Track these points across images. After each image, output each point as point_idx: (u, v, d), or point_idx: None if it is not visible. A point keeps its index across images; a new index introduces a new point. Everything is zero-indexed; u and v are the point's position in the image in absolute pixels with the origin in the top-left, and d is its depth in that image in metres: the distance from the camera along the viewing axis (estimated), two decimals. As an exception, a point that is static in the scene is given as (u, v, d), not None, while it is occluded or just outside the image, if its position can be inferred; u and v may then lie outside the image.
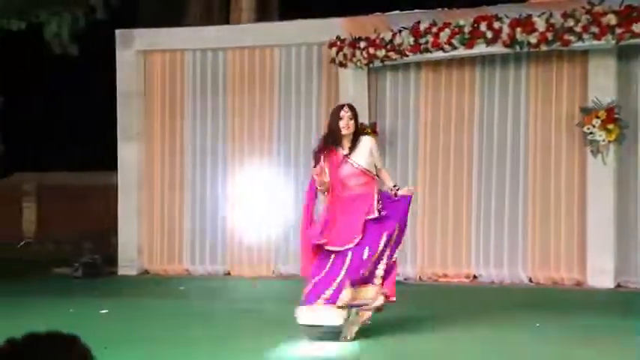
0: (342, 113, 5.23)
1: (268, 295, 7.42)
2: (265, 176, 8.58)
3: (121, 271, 8.72)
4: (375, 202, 5.12)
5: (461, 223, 7.89)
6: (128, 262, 8.71)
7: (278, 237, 8.51)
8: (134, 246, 8.73)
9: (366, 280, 5.09)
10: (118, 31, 8.84)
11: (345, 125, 5.18)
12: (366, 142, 5.29)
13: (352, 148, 5.21)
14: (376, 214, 5.09)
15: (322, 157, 5.18)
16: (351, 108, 5.29)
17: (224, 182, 8.69)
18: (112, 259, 8.84)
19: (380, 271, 5.11)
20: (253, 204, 8.59)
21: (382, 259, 5.10)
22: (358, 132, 5.32)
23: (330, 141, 5.23)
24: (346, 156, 5.19)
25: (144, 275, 8.70)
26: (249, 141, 8.64)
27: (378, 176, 5.30)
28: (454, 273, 7.91)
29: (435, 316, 5.97)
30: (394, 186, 5.32)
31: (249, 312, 6.25)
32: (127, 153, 8.78)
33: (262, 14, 10.12)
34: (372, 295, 5.09)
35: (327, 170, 5.15)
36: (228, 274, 8.63)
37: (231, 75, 8.67)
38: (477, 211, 7.87)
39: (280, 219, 8.48)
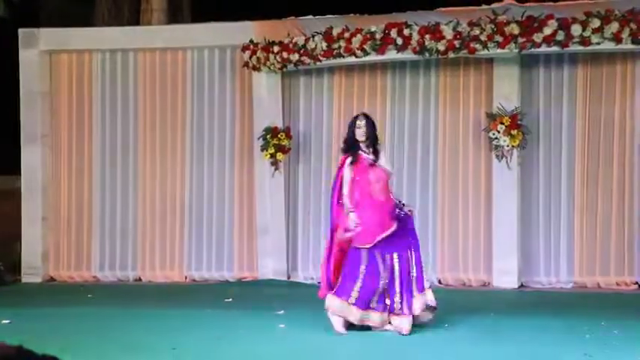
0: (358, 122, 5.52)
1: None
2: (178, 179, 8.46)
3: (25, 279, 8.42)
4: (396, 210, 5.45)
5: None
6: (32, 270, 8.41)
7: (191, 241, 8.41)
8: (38, 252, 8.44)
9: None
10: (21, 31, 8.54)
11: (362, 133, 5.48)
12: (384, 150, 5.66)
13: (376, 154, 5.49)
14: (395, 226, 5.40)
15: (350, 164, 5.46)
16: (366, 117, 5.58)
17: (135, 185, 8.52)
18: (15, 267, 8.51)
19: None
20: (165, 207, 8.46)
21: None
22: (376, 139, 5.57)
23: (352, 148, 5.50)
24: (374, 162, 5.45)
25: (49, 283, 8.42)
26: (161, 144, 8.51)
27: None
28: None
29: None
30: (399, 201, 5.60)
31: (161, 318, 6.14)
32: (31, 155, 8.49)
33: (173, 16, 9.98)
34: None
35: (351, 175, 5.45)
36: (139, 280, 8.46)
37: (142, 76, 8.52)
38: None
39: (194, 222, 8.39)
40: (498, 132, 7.55)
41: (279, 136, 7.98)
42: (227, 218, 8.40)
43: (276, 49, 7.83)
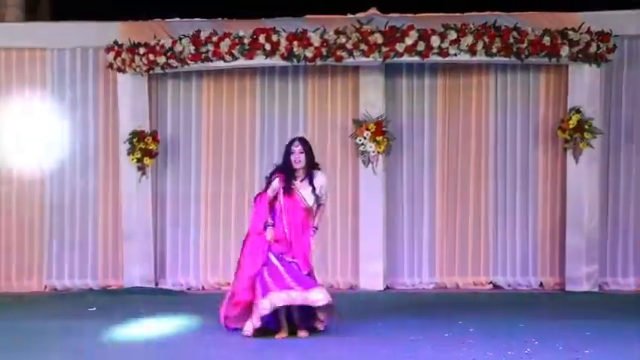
0: (293, 148, 5.45)
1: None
2: (37, 183, 8.08)
3: None
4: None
5: (243, 230, 7.95)
6: None
7: (51, 247, 8.05)
8: None
9: None
10: None
11: (296, 159, 5.43)
12: (318, 179, 5.50)
13: (303, 181, 5.44)
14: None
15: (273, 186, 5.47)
16: (303, 142, 5.51)
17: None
18: None
19: None
20: (22, 212, 8.06)
21: None
22: (311, 165, 5.51)
23: (284, 172, 5.46)
24: (294, 189, 5.42)
25: None
26: (19, 146, 8.07)
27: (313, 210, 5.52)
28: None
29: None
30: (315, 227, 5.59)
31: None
32: None
33: (31, 13, 9.50)
34: None
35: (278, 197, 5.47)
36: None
37: (-2, 77, 8.07)
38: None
39: (55, 227, 8.05)
40: (364, 138, 7.77)
41: (145, 140, 7.80)
42: (91, 223, 8.11)
43: (142, 50, 7.65)
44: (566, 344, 5.23)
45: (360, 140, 7.79)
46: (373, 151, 7.78)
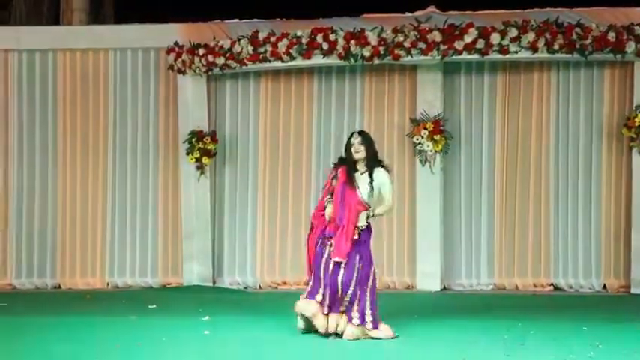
0: (353, 140, 5.47)
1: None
2: (100, 183, 8.27)
3: None
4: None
5: (299, 230, 8.00)
6: None
7: (113, 246, 8.24)
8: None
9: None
10: None
11: (356, 150, 5.44)
12: (377, 175, 5.45)
13: (363, 174, 5.44)
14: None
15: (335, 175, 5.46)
16: (362, 135, 5.53)
17: (54, 188, 8.28)
18: None
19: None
20: (86, 211, 8.26)
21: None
22: (373, 160, 5.48)
23: (346, 164, 5.48)
24: (353, 181, 5.41)
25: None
26: (82, 146, 8.31)
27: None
28: (293, 280, 8.02)
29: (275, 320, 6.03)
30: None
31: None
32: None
33: (95, 16, 9.76)
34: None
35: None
36: (59, 287, 8.23)
37: (62, 78, 8.30)
38: (307, 217, 8.04)
39: (116, 226, 8.22)
40: (422, 137, 7.70)
41: (204, 140, 7.90)
42: (151, 222, 8.26)
43: (201, 52, 7.76)
44: (630, 348, 5.07)
45: (418, 139, 7.73)
46: (431, 150, 7.70)
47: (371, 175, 5.45)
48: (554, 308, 6.82)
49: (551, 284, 7.90)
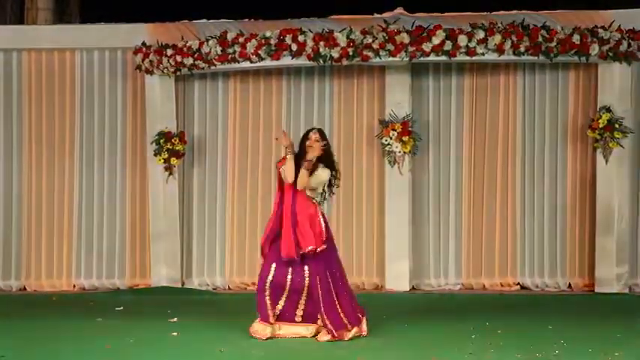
0: (310, 134, 5.64)
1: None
2: (67, 184, 8.18)
3: None
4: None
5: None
6: None
7: (80, 248, 8.14)
8: None
9: None
10: None
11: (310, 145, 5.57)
12: (321, 172, 5.59)
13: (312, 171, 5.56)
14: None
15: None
16: (319, 131, 5.66)
17: (19, 190, 8.17)
18: None
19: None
20: (52, 213, 8.15)
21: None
22: (323, 157, 5.60)
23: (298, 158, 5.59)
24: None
25: None
26: (47, 148, 8.20)
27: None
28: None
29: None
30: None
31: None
32: None
33: (61, 15, 9.64)
34: None
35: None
36: (24, 289, 8.12)
37: (27, 78, 8.18)
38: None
39: (83, 228, 8.14)
40: (390, 138, 7.74)
41: (172, 140, 7.85)
42: (119, 224, 8.19)
43: (169, 52, 7.71)
44: (595, 346, 5.16)
45: (386, 140, 7.77)
46: (399, 152, 7.75)
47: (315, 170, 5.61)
48: (521, 307, 6.91)
49: (518, 284, 8.00)
